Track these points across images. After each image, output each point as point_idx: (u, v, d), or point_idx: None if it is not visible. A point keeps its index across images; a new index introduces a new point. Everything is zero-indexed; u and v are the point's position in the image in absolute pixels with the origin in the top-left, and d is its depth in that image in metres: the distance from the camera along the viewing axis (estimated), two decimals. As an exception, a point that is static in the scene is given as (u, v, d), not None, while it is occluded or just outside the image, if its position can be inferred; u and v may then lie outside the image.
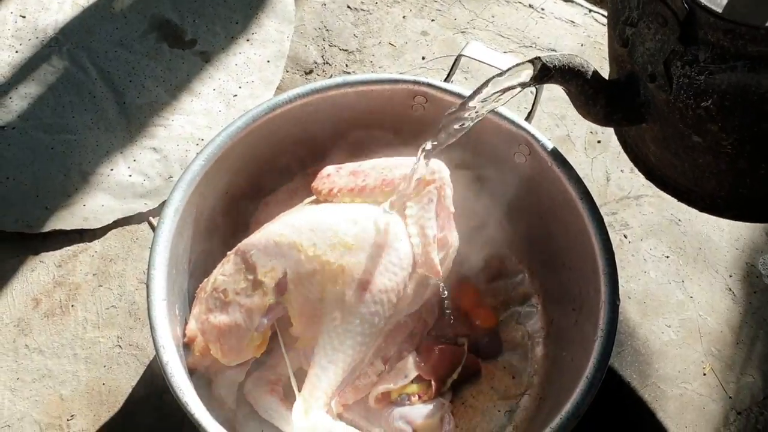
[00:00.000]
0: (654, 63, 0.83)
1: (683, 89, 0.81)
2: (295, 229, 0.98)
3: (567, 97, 1.22)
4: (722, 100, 0.78)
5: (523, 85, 0.89)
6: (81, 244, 1.22)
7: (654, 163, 0.97)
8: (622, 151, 1.05)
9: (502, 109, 1.09)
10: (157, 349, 0.88)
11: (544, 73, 0.86)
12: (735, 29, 0.75)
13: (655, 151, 0.94)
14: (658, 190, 1.24)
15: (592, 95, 0.89)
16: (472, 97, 0.91)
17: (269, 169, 1.12)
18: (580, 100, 0.91)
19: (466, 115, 0.93)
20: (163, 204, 1.08)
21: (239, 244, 1.00)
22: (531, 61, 0.87)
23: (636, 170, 1.28)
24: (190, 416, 0.85)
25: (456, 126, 0.94)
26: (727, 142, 0.83)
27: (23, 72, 1.39)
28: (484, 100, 0.91)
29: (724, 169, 0.87)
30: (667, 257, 1.24)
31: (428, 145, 0.95)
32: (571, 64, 0.87)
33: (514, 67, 0.88)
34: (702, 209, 0.96)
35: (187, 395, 0.86)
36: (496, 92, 0.90)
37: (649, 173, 0.99)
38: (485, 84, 0.90)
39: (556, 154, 1.05)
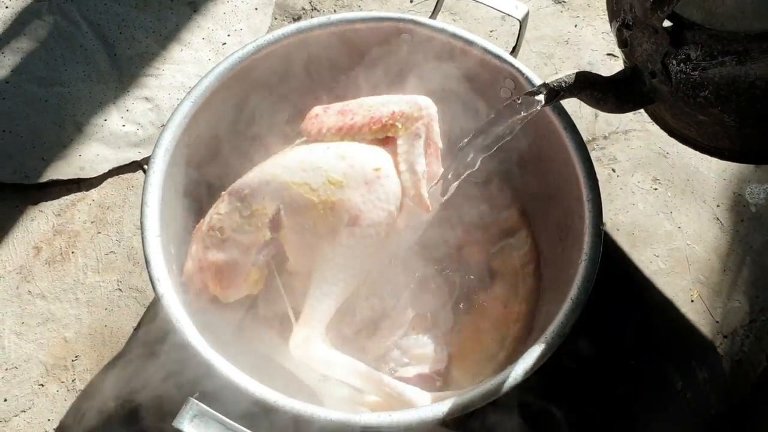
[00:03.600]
0: (653, 62, 0.92)
1: (682, 83, 0.90)
2: (286, 168, 1.00)
3: (554, 36, 1.23)
4: (717, 90, 0.87)
5: (539, 108, 0.95)
6: (78, 193, 1.25)
7: (673, 126, 1.03)
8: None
9: (487, 44, 1.10)
10: (152, 283, 0.90)
11: (552, 96, 0.95)
12: (717, 34, 0.85)
13: (671, 119, 1.00)
14: (645, 124, 1.26)
15: (602, 98, 0.98)
16: (489, 126, 0.95)
17: (258, 111, 1.13)
18: (591, 103, 1.00)
19: (485, 143, 0.97)
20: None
21: (233, 185, 1.02)
22: (540, 88, 0.94)
23: (623, 105, 1.29)
24: (187, 345, 0.88)
25: (475, 154, 0.97)
26: (729, 119, 0.90)
27: (14, 27, 1.40)
28: (505, 128, 0.96)
29: (733, 134, 0.94)
30: (656, 189, 1.26)
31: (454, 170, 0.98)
32: (575, 82, 0.95)
33: (525, 96, 0.94)
34: (723, 159, 1.03)
35: (183, 326, 0.89)
36: (515, 120, 0.95)
37: (670, 132, 1.05)
38: (502, 112, 0.95)
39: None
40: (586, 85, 0.95)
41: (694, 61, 0.87)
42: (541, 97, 0.95)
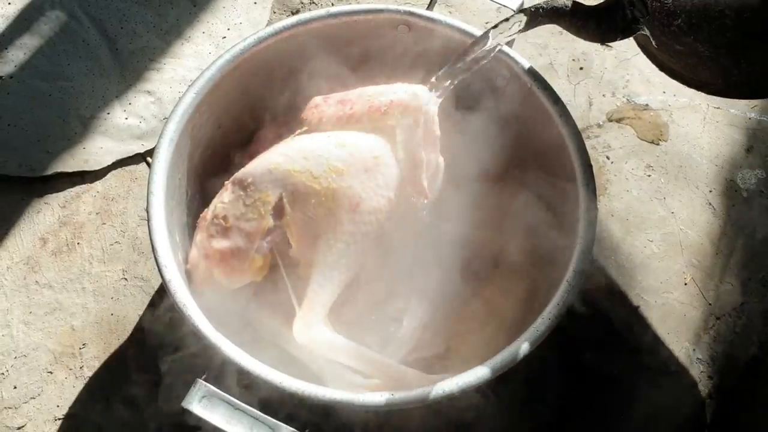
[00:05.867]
0: None
1: (657, 11, 0.91)
2: (288, 157, 1.02)
3: (549, 27, 1.25)
4: (690, 19, 0.89)
5: (519, 32, 0.99)
6: (83, 186, 1.27)
7: (659, 59, 1.04)
8: (603, 76, 1.10)
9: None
10: (159, 269, 0.93)
11: (533, 20, 0.98)
12: None
13: (656, 51, 1.02)
14: (639, 112, 1.28)
15: (582, 25, 0.98)
16: (473, 47, 1.00)
17: (260, 102, 1.15)
18: (572, 30, 1.01)
19: (465, 63, 1.02)
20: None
21: (236, 174, 1.04)
22: (520, 12, 0.98)
23: (617, 94, 1.32)
24: (194, 328, 0.90)
25: (458, 71, 1.02)
26: (704, 49, 0.92)
27: (17, 23, 1.42)
28: (487, 49, 1.01)
29: (711, 66, 0.95)
30: (649, 176, 1.28)
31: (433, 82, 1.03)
32: (554, 6, 0.97)
33: (504, 22, 0.98)
34: (708, 93, 1.04)
35: (190, 310, 0.91)
36: (497, 44, 0.99)
37: (659, 66, 1.06)
38: (484, 36, 0.99)
39: (535, 76, 1.09)
40: (567, 12, 0.98)
41: None
42: (521, 19, 0.98)
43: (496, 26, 0.99)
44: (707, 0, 0.87)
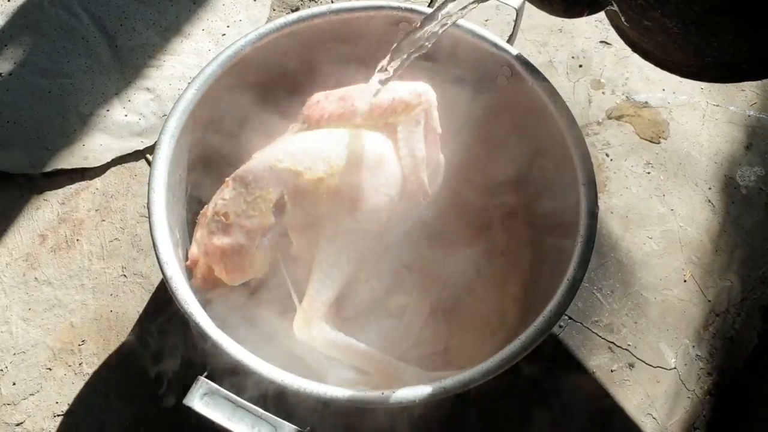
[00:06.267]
0: None
1: None
2: (289, 154, 1.02)
3: (548, 25, 1.25)
4: None
5: (475, 2, 0.95)
6: (82, 182, 1.27)
7: (632, 38, 0.99)
8: (602, 74, 1.08)
9: (485, 32, 1.13)
10: (160, 265, 0.93)
11: None
12: None
13: (627, 29, 0.98)
14: (638, 109, 1.28)
15: None
16: (431, 17, 0.96)
17: (261, 98, 1.15)
18: (536, 4, 0.96)
19: (422, 34, 0.98)
20: (159, 137, 1.12)
21: (237, 171, 1.04)
22: None
23: (617, 92, 1.33)
24: (194, 325, 0.90)
25: (413, 46, 0.98)
26: (672, 24, 0.85)
27: (16, 20, 1.42)
28: (443, 19, 0.96)
29: (682, 44, 0.89)
30: (648, 173, 1.28)
31: (385, 63, 1.00)
32: None
33: None
34: (682, 76, 0.97)
35: (191, 306, 0.91)
36: (455, 12, 0.95)
37: (632, 46, 1.00)
38: (443, 4, 0.95)
39: (536, 74, 1.09)
40: None
41: None
42: None
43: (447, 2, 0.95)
44: None
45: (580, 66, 1.39)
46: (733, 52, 0.85)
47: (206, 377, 0.86)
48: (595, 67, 1.38)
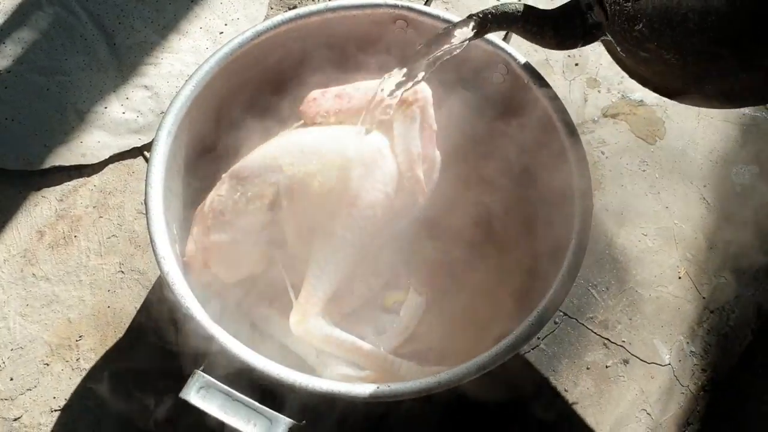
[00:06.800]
0: None
1: (617, 16, 0.85)
2: (285, 151, 1.03)
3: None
4: (651, 24, 0.82)
5: (469, 40, 0.96)
6: (80, 179, 1.27)
7: (630, 66, 1.00)
8: (598, 72, 1.09)
9: (480, 31, 1.13)
10: (158, 260, 0.93)
11: (482, 26, 0.93)
12: None
13: (624, 58, 0.98)
14: (633, 108, 1.29)
15: (537, 32, 0.94)
16: (421, 53, 0.97)
17: (258, 96, 1.16)
18: (527, 37, 0.96)
19: (418, 67, 0.99)
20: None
21: (233, 167, 1.05)
22: (467, 18, 0.94)
23: (612, 90, 1.33)
24: (191, 319, 0.90)
25: (427, 62, 0.99)
26: (669, 56, 0.85)
27: (15, 18, 1.42)
28: (435, 57, 0.97)
29: (680, 74, 0.89)
30: (644, 171, 1.29)
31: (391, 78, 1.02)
32: (504, 12, 0.93)
33: (452, 27, 0.96)
34: (682, 102, 0.97)
35: (188, 301, 0.92)
36: (444, 50, 0.96)
37: (630, 73, 1.01)
38: (434, 42, 0.96)
39: (532, 72, 1.09)
40: (516, 18, 0.92)
41: None
42: (469, 28, 0.94)
43: (445, 32, 0.96)
44: (668, 3, 0.79)
45: (576, 65, 1.39)
46: (733, 81, 0.84)
47: (202, 371, 0.87)
48: (591, 65, 1.38)
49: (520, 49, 1.40)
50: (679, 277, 1.20)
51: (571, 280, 0.96)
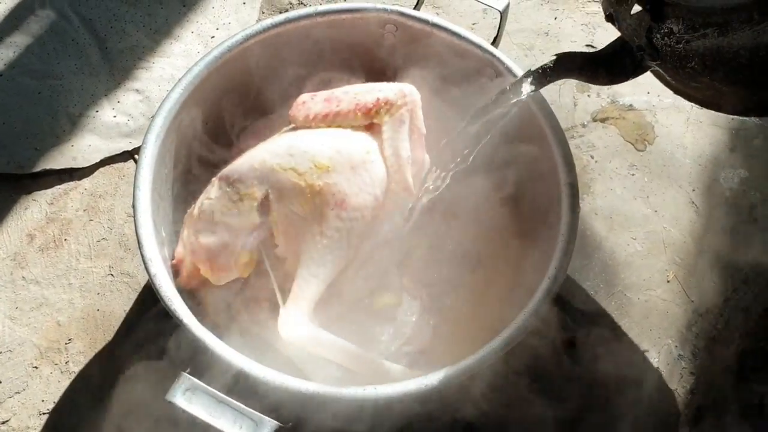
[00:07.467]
0: (638, 36, 0.92)
1: (668, 56, 0.90)
2: (274, 154, 1.03)
3: (534, 29, 1.25)
4: (703, 61, 0.87)
5: (532, 93, 1.00)
6: (71, 183, 1.27)
7: (675, 87, 1.03)
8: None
9: (470, 35, 1.14)
10: (145, 262, 0.93)
11: (542, 80, 0.98)
12: (695, 9, 0.84)
13: (671, 81, 1.01)
14: (623, 112, 1.29)
15: (591, 75, 0.99)
16: (486, 110, 1.01)
17: (247, 99, 1.16)
18: (582, 80, 1.01)
19: (480, 123, 1.03)
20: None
21: (222, 170, 1.05)
22: (526, 75, 1.00)
23: (602, 94, 1.34)
24: (178, 322, 0.91)
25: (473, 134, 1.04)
26: (721, 86, 0.90)
27: (7, 22, 1.43)
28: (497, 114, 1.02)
29: (729, 96, 0.94)
30: (633, 175, 1.29)
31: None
32: (559, 63, 0.98)
33: (514, 85, 1.01)
34: (730, 114, 1.04)
35: (175, 303, 0.92)
36: (509, 105, 1.01)
37: (675, 91, 1.04)
38: (497, 100, 1.00)
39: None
40: (573, 67, 0.98)
41: (677, 34, 0.87)
42: (529, 84, 0.98)
43: (506, 90, 1.00)
44: (720, 42, 0.84)
45: (567, 69, 1.40)
46: None
47: (188, 373, 0.87)
48: (581, 70, 1.39)
49: (510, 54, 1.41)
50: (668, 281, 1.20)
51: (558, 283, 0.96)
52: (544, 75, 0.98)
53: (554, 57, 0.98)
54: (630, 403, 1.10)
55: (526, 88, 1.00)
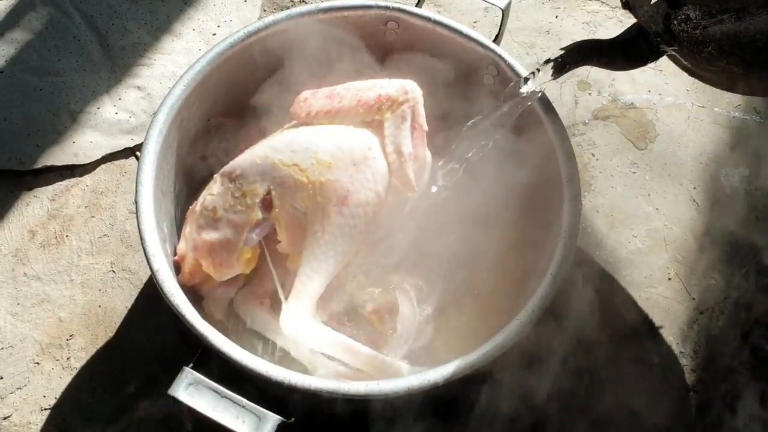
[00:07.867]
0: (655, 23, 0.93)
1: (686, 41, 0.91)
2: (276, 150, 1.03)
3: (536, 27, 1.25)
4: (720, 46, 0.88)
5: (551, 81, 1.02)
6: (72, 179, 1.28)
7: (693, 71, 1.03)
8: (589, 75, 1.10)
9: (471, 32, 1.14)
10: (147, 258, 0.93)
11: (561, 68, 1.00)
12: None
13: (689, 67, 1.01)
14: (624, 110, 1.29)
15: (609, 61, 1.00)
16: (506, 100, 1.03)
17: (249, 96, 1.16)
18: (600, 66, 1.02)
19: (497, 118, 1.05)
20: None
21: (225, 166, 1.05)
22: (545, 63, 1.01)
23: (603, 93, 1.34)
24: (180, 317, 0.91)
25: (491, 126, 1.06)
26: (737, 69, 0.91)
27: (9, 19, 1.43)
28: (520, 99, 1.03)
29: (744, 79, 0.94)
30: (634, 173, 1.30)
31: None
32: (578, 50, 1.00)
33: (534, 73, 1.02)
34: (746, 95, 1.06)
35: (177, 298, 0.92)
36: (530, 93, 1.03)
37: (690, 73, 1.04)
38: (516, 88, 1.02)
39: (521, 74, 1.10)
40: (591, 54, 0.99)
41: (694, 20, 0.89)
42: (548, 72, 0.99)
43: (527, 79, 1.01)
44: (737, 27, 0.85)
45: (568, 67, 1.40)
46: None
47: (191, 368, 0.87)
48: (582, 68, 1.39)
49: (512, 52, 1.41)
50: (669, 279, 1.21)
51: (560, 280, 0.96)
52: (563, 63, 0.99)
53: (572, 44, 0.99)
54: (632, 400, 1.11)
55: (545, 76, 1.00)
